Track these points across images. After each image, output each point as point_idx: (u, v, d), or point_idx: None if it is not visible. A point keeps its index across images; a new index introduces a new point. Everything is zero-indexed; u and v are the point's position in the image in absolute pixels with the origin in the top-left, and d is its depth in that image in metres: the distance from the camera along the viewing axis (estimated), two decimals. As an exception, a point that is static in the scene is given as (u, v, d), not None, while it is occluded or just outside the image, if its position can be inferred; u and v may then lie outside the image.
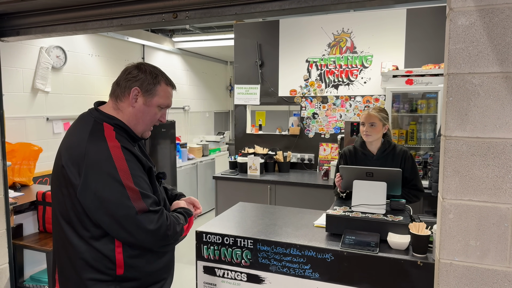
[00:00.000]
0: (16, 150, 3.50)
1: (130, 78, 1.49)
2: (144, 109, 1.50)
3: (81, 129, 1.46)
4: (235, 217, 2.44)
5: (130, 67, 1.53)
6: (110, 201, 1.35)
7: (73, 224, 1.41)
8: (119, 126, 1.47)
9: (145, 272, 1.49)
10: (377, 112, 2.56)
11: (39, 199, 3.00)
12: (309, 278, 1.93)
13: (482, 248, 1.40)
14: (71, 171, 1.38)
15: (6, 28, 2.36)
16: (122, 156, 1.39)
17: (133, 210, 1.35)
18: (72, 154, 1.40)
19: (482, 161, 1.38)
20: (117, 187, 1.35)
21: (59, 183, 1.44)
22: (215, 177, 4.29)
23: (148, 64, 1.55)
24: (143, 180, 1.43)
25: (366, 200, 2.14)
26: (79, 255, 1.41)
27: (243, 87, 4.81)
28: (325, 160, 4.45)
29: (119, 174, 1.36)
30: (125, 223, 1.36)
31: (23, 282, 3.03)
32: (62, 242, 1.47)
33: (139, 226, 1.37)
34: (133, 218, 1.36)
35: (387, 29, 4.12)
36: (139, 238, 1.39)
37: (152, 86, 1.49)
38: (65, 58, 4.35)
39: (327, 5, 1.72)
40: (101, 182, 1.35)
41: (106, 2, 2.07)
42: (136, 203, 1.36)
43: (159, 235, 1.41)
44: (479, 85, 1.36)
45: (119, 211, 1.35)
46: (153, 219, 1.39)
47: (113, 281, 1.44)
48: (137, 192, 1.37)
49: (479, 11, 1.34)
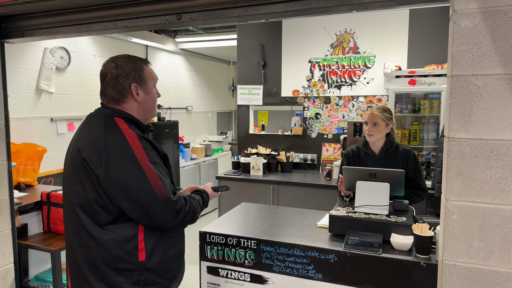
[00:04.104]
0: (21, 150, 3.52)
1: (120, 79, 1.53)
2: (147, 97, 1.60)
3: (94, 125, 1.53)
4: (238, 217, 2.45)
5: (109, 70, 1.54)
6: (133, 187, 1.42)
7: (96, 215, 1.47)
8: (128, 119, 1.55)
9: (162, 258, 1.55)
10: (380, 112, 2.54)
11: (44, 199, 3.02)
12: (312, 279, 1.93)
13: (486, 249, 1.40)
14: (93, 163, 1.44)
15: (11, 30, 2.38)
16: (139, 144, 1.46)
17: (155, 196, 1.43)
18: (93, 147, 1.46)
19: (485, 162, 1.38)
20: (138, 173, 1.42)
21: (79, 177, 1.49)
22: (218, 177, 4.30)
23: (120, 58, 1.57)
24: (161, 166, 1.51)
25: (369, 201, 2.14)
26: (102, 245, 1.46)
27: (246, 87, 4.81)
28: (327, 161, 4.45)
29: (139, 161, 1.43)
30: (148, 208, 1.44)
31: (28, 282, 3.05)
32: (79, 238, 1.51)
33: (161, 211, 1.45)
34: (156, 203, 1.43)
35: (390, 29, 4.12)
36: (160, 222, 1.47)
37: (141, 74, 1.57)
38: (69, 59, 4.37)
39: (330, 7, 1.72)
40: (123, 170, 1.43)
41: (110, 4, 2.08)
42: (158, 189, 1.43)
43: (178, 219, 1.49)
44: (482, 87, 1.36)
45: (142, 196, 1.43)
46: (174, 204, 1.46)
47: (136, 270, 1.49)
48: (157, 178, 1.44)
49: (482, 13, 1.34)
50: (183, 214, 1.49)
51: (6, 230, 2.45)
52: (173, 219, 1.48)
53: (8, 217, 2.47)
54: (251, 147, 4.81)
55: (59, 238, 2.93)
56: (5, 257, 2.45)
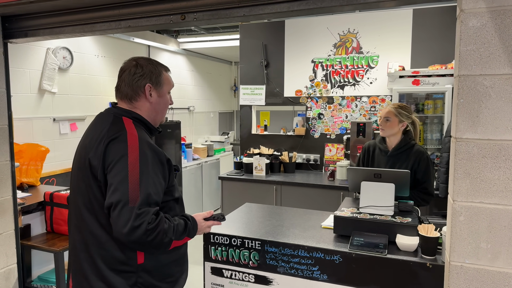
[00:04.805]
0: (24, 150, 3.52)
1: (137, 77, 1.55)
2: (160, 100, 1.61)
3: (102, 123, 1.54)
4: (242, 218, 2.44)
5: (128, 67, 1.57)
6: (111, 184, 1.38)
7: (96, 213, 1.46)
8: (137, 119, 1.55)
9: (162, 262, 1.53)
10: (394, 108, 2.54)
11: (47, 200, 3.01)
12: (317, 280, 1.92)
13: (493, 250, 1.39)
14: (93, 157, 1.45)
15: (14, 30, 2.37)
16: (137, 146, 1.43)
17: (126, 199, 1.34)
18: (95, 145, 1.46)
19: (493, 163, 1.37)
20: (122, 173, 1.38)
21: (82, 175, 1.49)
22: (221, 178, 4.29)
23: (142, 58, 1.61)
24: (151, 176, 1.42)
25: (374, 201, 2.13)
26: (102, 245, 1.45)
27: (248, 87, 4.80)
28: (330, 161, 4.44)
29: (128, 161, 1.40)
30: (114, 208, 1.35)
31: (31, 282, 3.04)
32: (82, 235, 1.50)
33: (121, 217, 1.33)
34: (122, 207, 1.34)
35: (393, 29, 4.10)
36: (116, 229, 1.35)
37: (159, 77, 1.59)
38: (72, 59, 4.37)
39: (335, 7, 1.71)
40: (112, 165, 1.40)
41: (114, 4, 2.07)
42: (132, 194, 1.35)
43: (133, 235, 1.33)
44: (490, 86, 1.35)
45: (114, 195, 1.36)
46: (134, 215, 1.33)
47: (134, 272, 1.47)
48: (137, 184, 1.37)
49: (490, 12, 1.33)
50: (141, 231, 1.32)
51: (9, 230, 2.45)
52: (128, 232, 1.31)
53: (11, 218, 2.46)
54: (253, 147, 4.80)
55: (62, 239, 2.92)
56: (8, 258, 2.45)
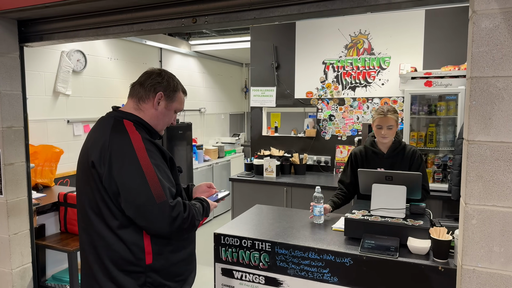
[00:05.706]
0: (39, 152, 3.58)
1: (155, 82, 1.59)
2: (165, 112, 1.62)
3: (103, 126, 1.56)
4: (252, 219, 2.45)
5: (152, 72, 1.63)
6: (131, 188, 1.42)
7: (103, 216, 1.48)
8: (138, 122, 1.57)
9: (170, 261, 1.55)
10: (393, 114, 2.55)
11: (61, 200, 3.06)
12: (328, 282, 1.92)
13: (506, 254, 1.37)
14: (98, 162, 1.47)
15: (30, 34, 2.42)
16: (143, 146, 1.47)
17: (152, 198, 1.41)
18: (98, 147, 1.49)
19: (506, 166, 1.35)
20: (138, 174, 1.42)
21: (86, 178, 1.52)
22: (232, 179, 4.31)
23: (168, 72, 1.66)
24: (163, 170, 1.50)
25: (385, 204, 2.12)
26: (110, 246, 1.48)
27: (259, 89, 4.81)
28: (341, 163, 4.41)
29: (140, 162, 1.43)
30: (144, 210, 1.42)
31: (45, 281, 3.09)
32: (90, 237, 1.53)
33: (157, 214, 1.42)
34: (152, 206, 1.41)
35: (405, 30, 4.07)
36: (156, 226, 1.44)
37: (173, 92, 1.62)
38: (85, 61, 4.44)
39: (346, 9, 1.71)
40: (123, 170, 1.43)
41: (127, 8, 2.10)
42: (155, 192, 1.42)
43: (174, 225, 1.45)
44: (503, 88, 1.34)
45: (139, 198, 1.42)
46: (170, 208, 1.43)
47: (143, 273, 1.49)
48: (157, 181, 1.43)
49: (503, 13, 1.32)
50: (180, 220, 1.45)
51: (24, 230, 2.50)
52: (170, 225, 1.44)
53: (26, 218, 2.51)
54: (264, 149, 4.80)
55: (76, 239, 2.97)
56: (23, 257, 2.50)
